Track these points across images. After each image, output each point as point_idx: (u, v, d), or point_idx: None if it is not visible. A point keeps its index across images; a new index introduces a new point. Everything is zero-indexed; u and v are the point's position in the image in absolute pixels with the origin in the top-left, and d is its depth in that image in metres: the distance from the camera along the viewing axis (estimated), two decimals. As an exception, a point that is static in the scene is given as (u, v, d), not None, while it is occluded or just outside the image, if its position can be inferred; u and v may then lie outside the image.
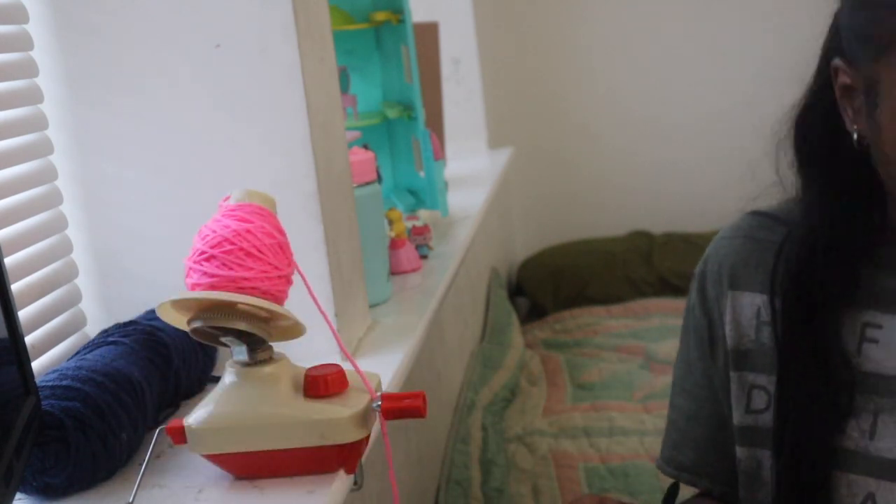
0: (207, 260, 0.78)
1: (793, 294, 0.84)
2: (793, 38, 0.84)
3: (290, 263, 0.81)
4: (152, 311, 1.03)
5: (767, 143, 0.92)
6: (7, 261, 0.89)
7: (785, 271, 0.85)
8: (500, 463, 1.88)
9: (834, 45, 0.80)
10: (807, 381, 0.82)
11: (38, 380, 0.85)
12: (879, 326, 0.78)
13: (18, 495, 0.83)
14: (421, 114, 1.85)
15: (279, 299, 0.80)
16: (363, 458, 0.84)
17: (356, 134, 1.48)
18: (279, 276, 0.79)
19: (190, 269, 0.79)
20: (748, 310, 0.87)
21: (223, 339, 0.80)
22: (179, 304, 0.79)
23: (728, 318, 0.88)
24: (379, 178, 1.36)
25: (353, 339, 1.15)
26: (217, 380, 0.85)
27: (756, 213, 0.91)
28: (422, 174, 1.89)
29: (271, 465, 0.81)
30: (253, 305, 0.77)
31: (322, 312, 0.83)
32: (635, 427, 2.12)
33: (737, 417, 0.88)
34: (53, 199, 1.08)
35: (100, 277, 1.12)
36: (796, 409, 0.83)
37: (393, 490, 0.84)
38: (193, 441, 0.80)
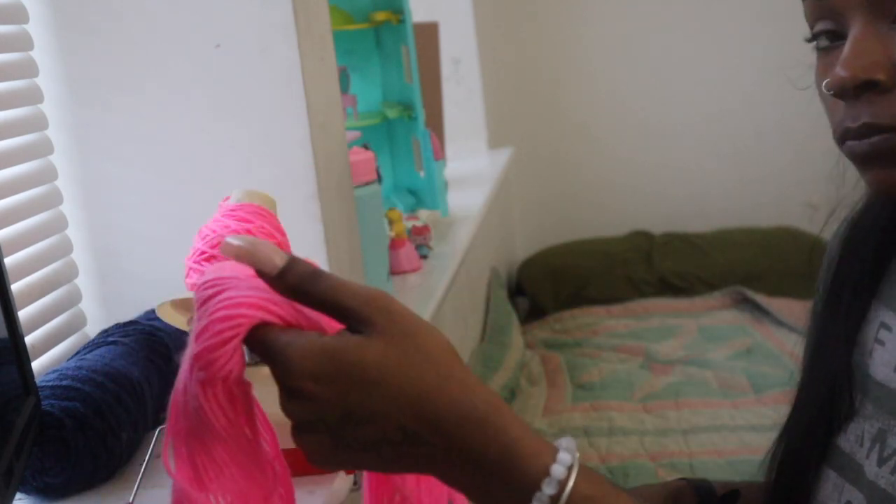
0: (207, 260, 0.78)
1: (835, 279, 0.82)
2: (794, 39, 0.84)
3: (290, 263, 0.81)
4: (152, 311, 1.02)
5: (766, 142, 0.90)
6: (7, 261, 0.89)
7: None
8: (500, 463, 1.88)
9: None
10: (816, 372, 0.81)
11: (38, 380, 0.85)
12: (889, 329, 0.74)
13: (18, 495, 0.83)
14: (421, 114, 1.85)
15: (279, 299, 0.80)
16: (363, 458, 0.84)
17: (356, 134, 1.48)
18: (279, 276, 0.79)
19: (190, 269, 0.79)
20: None
21: (223, 339, 0.80)
22: (179, 304, 0.79)
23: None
24: (379, 178, 1.36)
25: (353, 339, 1.15)
26: (217, 380, 0.85)
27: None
28: (422, 174, 1.89)
29: (271, 465, 0.81)
30: (253, 305, 0.77)
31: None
32: (635, 427, 2.12)
33: None
34: (53, 199, 1.08)
35: (100, 277, 1.12)
36: (803, 400, 0.82)
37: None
38: (193, 441, 0.80)
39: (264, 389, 0.80)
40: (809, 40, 0.70)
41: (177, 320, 0.81)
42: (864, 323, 0.77)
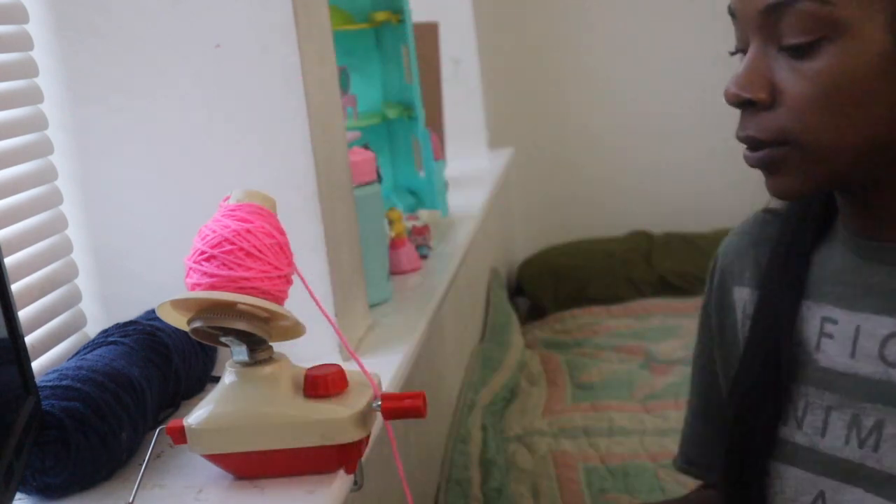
0: (207, 260, 0.78)
1: (762, 287, 0.87)
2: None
3: (290, 263, 0.81)
4: (152, 311, 1.02)
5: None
6: (7, 261, 0.89)
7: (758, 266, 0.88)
8: (500, 463, 1.88)
9: None
10: (753, 372, 0.85)
11: (38, 380, 0.85)
12: (835, 322, 0.79)
13: (18, 495, 0.83)
14: (421, 114, 1.85)
15: (279, 299, 0.80)
16: (363, 458, 0.84)
17: (356, 134, 1.48)
18: (279, 276, 0.79)
19: (190, 269, 0.79)
20: (738, 304, 0.90)
21: (223, 339, 0.80)
22: (179, 304, 0.79)
23: (738, 313, 0.91)
24: (379, 178, 1.36)
25: (353, 339, 1.15)
26: (217, 380, 0.85)
27: (765, 211, 0.92)
28: (422, 174, 1.89)
29: (271, 465, 0.81)
30: (253, 305, 0.77)
31: (324, 313, 0.83)
32: (635, 427, 2.12)
33: None
34: (53, 199, 1.08)
35: (100, 277, 1.12)
36: (741, 399, 0.86)
37: (405, 490, 0.84)
38: (193, 441, 0.80)
39: (265, 390, 0.80)
40: (732, 53, 0.78)
41: (177, 320, 0.81)
42: (798, 322, 0.82)
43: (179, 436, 0.81)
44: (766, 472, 0.82)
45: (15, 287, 0.92)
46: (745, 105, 0.74)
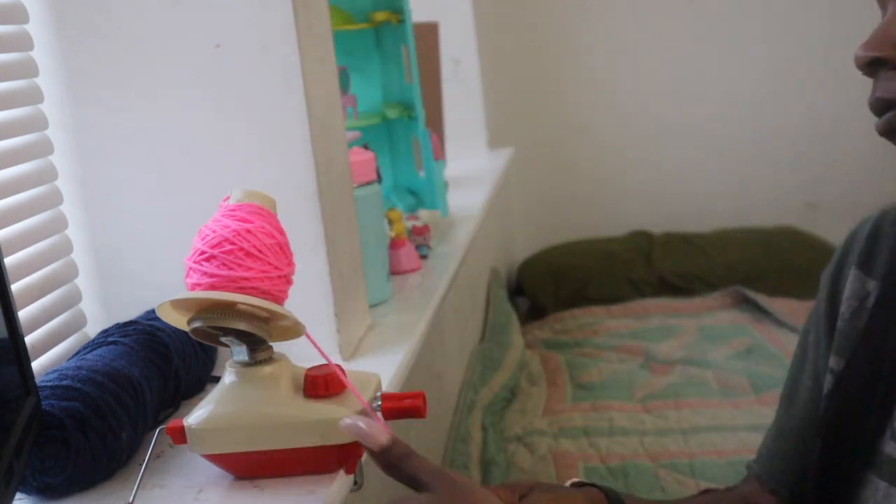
0: (207, 260, 0.78)
1: (889, 280, 0.81)
2: (794, 39, 0.85)
3: (290, 263, 0.81)
4: (152, 311, 1.03)
5: (766, 142, 0.91)
6: (7, 261, 0.89)
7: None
8: (500, 463, 1.88)
9: None
10: (861, 371, 0.80)
11: (38, 380, 0.85)
12: None
13: (18, 495, 0.83)
14: (421, 114, 1.85)
15: (279, 299, 0.80)
16: (363, 458, 0.84)
17: (356, 134, 1.48)
18: (279, 276, 0.79)
19: (190, 269, 0.79)
20: (849, 287, 0.85)
21: (223, 339, 0.80)
22: (179, 304, 0.79)
23: (845, 296, 0.85)
24: (379, 178, 1.36)
25: (354, 339, 1.15)
26: (217, 380, 0.85)
27: None
28: (422, 174, 1.89)
29: (271, 465, 0.81)
30: (253, 305, 0.77)
31: (321, 351, 0.83)
32: (635, 427, 2.12)
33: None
34: (53, 199, 1.08)
35: (100, 277, 1.12)
36: (842, 401, 0.81)
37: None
38: (193, 441, 0.80)
39: (265, 390, 0.80)
40: None
41: (177, 320, 0.80)
42: None
43: (179, 436, 0.81)
44: (862, 483, 0.77)
45: (15, 287, 0.92)
46: (874, 65, 0.70)
